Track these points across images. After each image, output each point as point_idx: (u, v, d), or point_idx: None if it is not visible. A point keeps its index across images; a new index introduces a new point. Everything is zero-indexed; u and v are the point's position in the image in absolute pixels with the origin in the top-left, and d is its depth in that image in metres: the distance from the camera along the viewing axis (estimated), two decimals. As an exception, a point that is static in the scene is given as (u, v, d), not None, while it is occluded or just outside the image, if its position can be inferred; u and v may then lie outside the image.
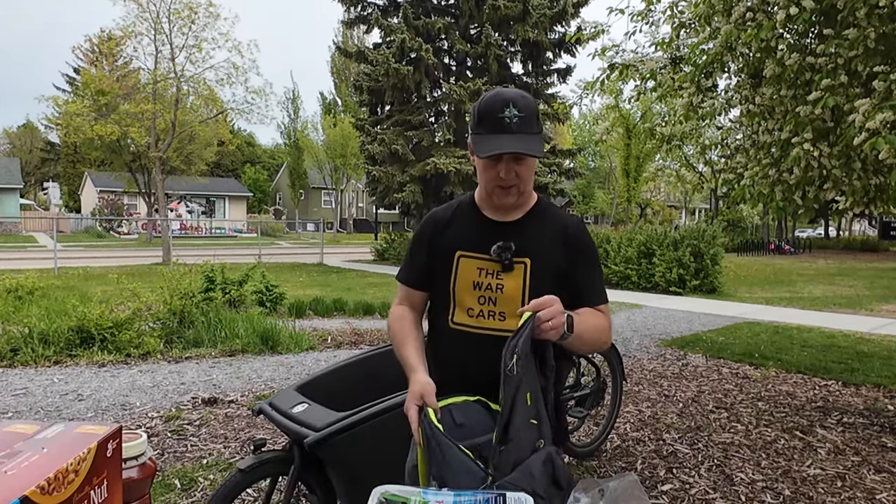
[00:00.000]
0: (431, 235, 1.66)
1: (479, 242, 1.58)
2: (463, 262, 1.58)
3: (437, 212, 1.73)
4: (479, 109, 1.52)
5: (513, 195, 1.55)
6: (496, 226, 1.60)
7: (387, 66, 16.23)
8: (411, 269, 1.71)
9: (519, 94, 1.50)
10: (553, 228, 1.61)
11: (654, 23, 4.86)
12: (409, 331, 1.63)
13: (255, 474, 2.05)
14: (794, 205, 4.23)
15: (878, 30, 3.17)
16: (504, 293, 1.54)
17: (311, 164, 40.76)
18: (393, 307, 1.75)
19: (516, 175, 1.52)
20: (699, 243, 12.08)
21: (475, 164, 1.57)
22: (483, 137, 1.49)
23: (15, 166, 37.15)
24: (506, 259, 1.53)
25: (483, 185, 1.58)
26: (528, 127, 1.48)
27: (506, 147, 1.46)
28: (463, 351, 1.57)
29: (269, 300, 8.23)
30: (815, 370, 5.66)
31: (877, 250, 30.28)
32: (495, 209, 1.62)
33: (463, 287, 1.57)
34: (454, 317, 1.58)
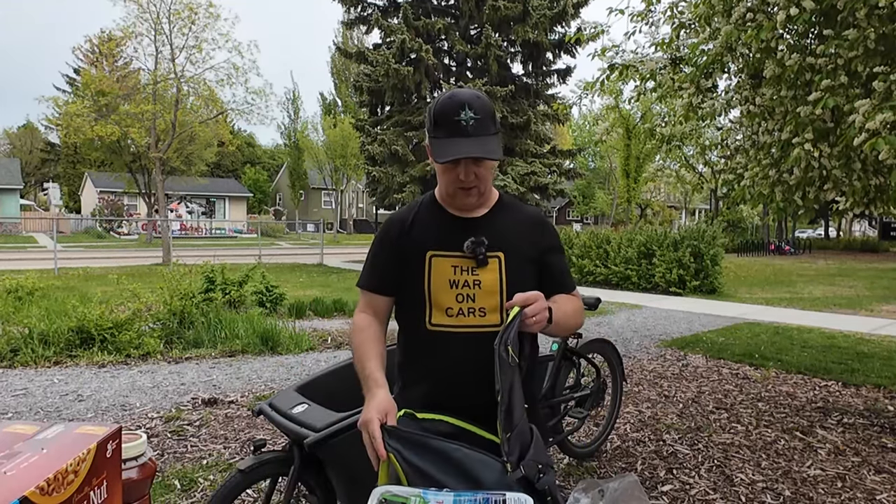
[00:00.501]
0: (397, 237, 1.61)
1: (449, 240, 1.55)
2: (436, 262, 1.55)
3: (399, 214, 1.68)
4: (435, 113, 1.49)
5: (473, 196, 1.54)
6: (464, 222, 1.58)
7: (387, 67, 16.23)
8: (374, 274, 1.65)
9: (474, 96, 1.48)
10: (520, 221, 1.62)
11: (653, 23, 4.87)
12: (373, 344, 1.57)
13: (254, 475, 2.05)
14: (795, 205, 4.23)
15: (878, 30, 3.16)
16: (482, 288, 1.52)
17: (311, 164, 40.78)
18: (355, 316, 1.67)
19: (476, 176, 1.50)
20: (699, 244, 12.08)
21: (434, 167, 1.56)
22: (441, 142, 1.47)
23: (15, 167, 37.15)
24: (480, 254, 1.52)
25: (444, 187, 1.57)
26: (484, 129, 1.47)
27: (463, 151, 1.44)
28: (446, 352, 1.53)
29: (269, 301, 8.23)
30: (815, 371, 5.66)
31: (877, 251, 30.27)
32: (459, 208, 1.60)
33: (439, 287, 1.53)
34: (432, 318, 1.54)
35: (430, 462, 1.31)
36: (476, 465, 1.31)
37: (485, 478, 1.29)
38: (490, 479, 1.28)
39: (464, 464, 1.31)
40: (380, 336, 1.61)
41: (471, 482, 1.28)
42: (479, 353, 1.47)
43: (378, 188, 18.17)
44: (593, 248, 13.63)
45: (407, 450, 1.32)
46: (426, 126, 1.55)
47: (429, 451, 1.33)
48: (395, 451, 1.31)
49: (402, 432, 1.35)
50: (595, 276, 13.40)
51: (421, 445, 1.34)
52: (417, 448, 1.33)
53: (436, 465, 1.31)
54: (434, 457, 1.32)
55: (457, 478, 1.29)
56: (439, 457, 1.32)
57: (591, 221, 47.62)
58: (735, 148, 4.86)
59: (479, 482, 1.27)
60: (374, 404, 1.40)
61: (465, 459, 1.32)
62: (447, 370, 1.53)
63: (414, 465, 1.30)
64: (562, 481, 3.22)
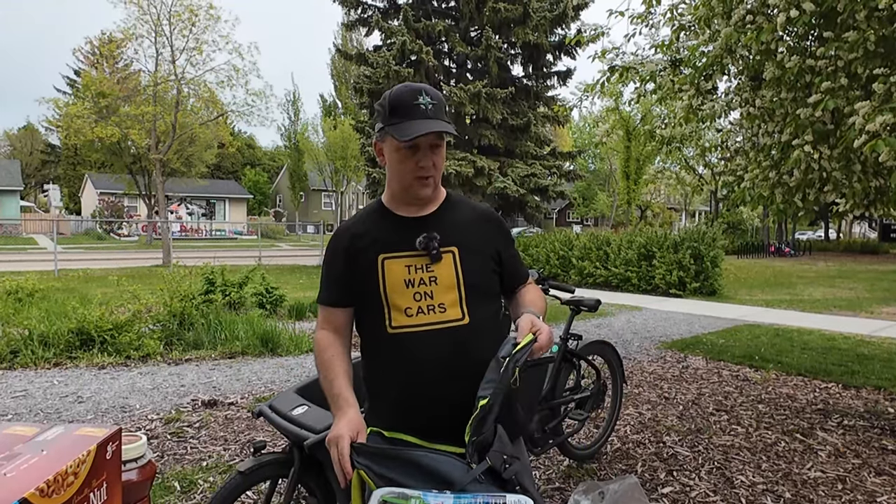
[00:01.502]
0: (347, 247, 1.58)
1: (400, 241, 1.54)
2: (388, 264, 1.53)
3: (346, 223, 1.66)
4: (391, 100, 1.49)
5: (430, 186, 1.53)
6: (413, 221, 1.57)
7: (387, 69, 16.25)
8: (330, 287, 1.62)
9: (427, 85, 1.51)
10: (469, 215, 1.62)
11: (653, 25, 4.87)
12: (338, 362, 1.55)
13: (254, 476, 2.05)
14: (795, 207, 4.23)
15: (878, 32, 3.17)
16: (439, 284, 1.51)
17: (311, 166, 40.80)
18: (316, 335, 1.64)
19: (434, 165, 1.51)
20: (699, 246, 12.08)
21: (386, 162, 1.55)
22: (400, 125, 1.45)
23: (15, 168, 37.17)
24: (433, 248, 1.51)
25: (398, 179, 1.54)
26: (441, 115, 1.48)
27: (429, 127, 1.44)
28: (410, 353, 1.50)
29: (269, 302, 8.23)
30: (815, 373, 5.65)
31: (877, 253, 30.26)
32: (408, 207, 1.58)
33: (394, 288, 1.51)
34: (391, 321, 1.50)
35: (400, 472, 1.31)
36: (445, 467, 1.31)
37: (456, 477, 1.29)
38: (461, 478, 1.29)
39: (433, 468, 1.31)
40: (344, 353, 1.59)
41: (443, 484, 1.28)
42: (442, 350, 1.47)
43: (378, 189, 18.17)
44: (593, 250, 13.63)
45: (376, 463, 1.32)
46: (378, 118, 1.52)
47: (397, 461, 1.33)
48: (365, 467, 1.32)
49: (370, 448, 1.36)
50: (595, 277, 13.40)
51: (389, 457, 1.34)
52: (386, 460, 1.33)
53: (406, 473, 1.31)
54: (403, 466, 1.32)
55: (428, 483, 1.29)
56: (408, 465, 1.32)
57: (592, 223, 47.62)
58: (735, 150, 4.86)
59: (450, 482, 1.28)
60: (345, 422, 1.41)
61: (433, 464, 1.32)
62: (413, 371, 1.50)
63: (384, 476, 1.30)
64: (562, 483, 3.22)
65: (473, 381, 1.42)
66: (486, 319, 1.55)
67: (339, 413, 1.45)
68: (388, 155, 1.53)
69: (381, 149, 1.54)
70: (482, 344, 1.49)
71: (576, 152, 21.83)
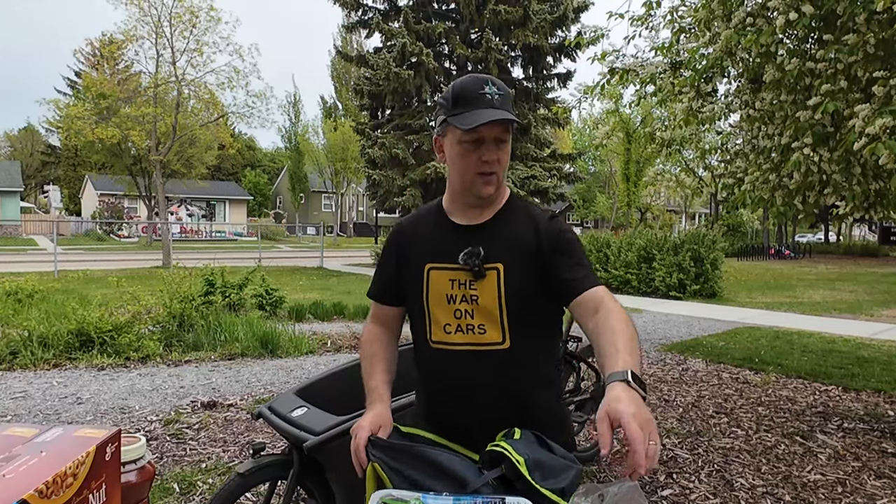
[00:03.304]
0: (397, 247, 1.55)
1: (447, 251, 1.44)
2: (433, 275, 1.45)
3: (403, 221, 1.60)
4: (455, 90, 1.39)
5: (493, 184, 1.42)
6: (464, 231, 1.46)
7: (387, 71, 16.26)
8: (379, 284, 1.60)
9: (493, 77, 1.42)
10: (525, 226, 1.45)
11: (654, 27, 4.87)
12: (379, 358, 1.54)
13: (254, 478, 2.04)
14: (795, 210, 4.23)
15: (878, 35, 3.17)
16: (479, 304, 1.41)
17: (311, 167, 40.81)
18: (365, 326, 1.63)
19: (498, 161, 1.40)
20: (699, 248, 12.09)
21: (447, 159, 1.44)
22: (464, 115, 1.35)
23: (15, 169, 37.19)
24: (475, 266, 1.40)
25: (459, 176, 1.43)
26: (509, 106, 1.38)
27: (495, 115, 1.33)
28: (444, 371, 1.47)
29: (269, 304, 8.23)
30: (815, 375, 5.65)
31: (877, 255, 30.27)
32: (465, 212, 1.48)
33: (436, 301, 1.44)
34: (432, 335, 1.46)
35: (413, 467, 1.31)
36: (460, 467, 1.31)
37: (469, 478, 1.29)
38: (474, 480, 1.29)
39: (447, 467, 1.31)
40: (388, 348, 1.58)
41: (455, 483, 1.28)
42: (477, 373, 1.42)
43: (378, 191, 18.19)
44: (593, 252, 13.63)
45: (391, 458, 1.32)
46: (441, 110, 1.43)
47: (413, 457, 1.33)
48: (380, 461, 1.32)
49: (385, 442, 1.36)
50: (595, 279, 13.39)
51: (404, 453, 1.34)
52: (401, 455, 1.33)
53: (419, 469, 1.31)
54: (417, 462, 1.32)
55: (441, 481, 1.28)
56: (423, 462, 1.32)
57: (592, 225, 47.63)
58: (735, 152, 4.86)
59: (463, 483, 1.28)
60: (371, 415, 1.42)
61: (448, 462, 1.31)
62: (445, 390, 1.48)
63: (399, 472, 1.30)
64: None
65: (507, 405, 1.41)
66: (531, 344, 1.44)
67: (369, 406, 1.45)
68: (449, 149, 1.42)
69: (442, 144, 1.44)
70: (523, 370, 1.43)
71: (576, 154, 21.84)
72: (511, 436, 1.33)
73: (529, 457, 1.25)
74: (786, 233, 36.35)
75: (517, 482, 1.24)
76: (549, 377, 1.51)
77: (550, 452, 1.30)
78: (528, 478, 1.21)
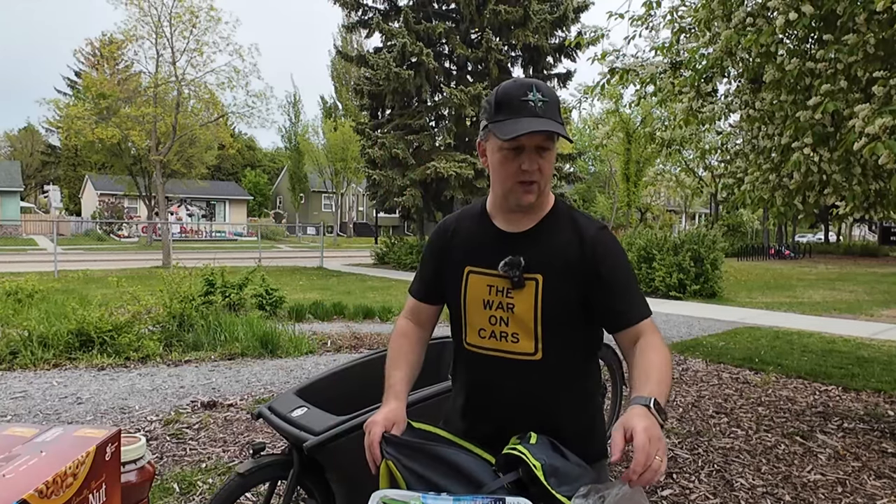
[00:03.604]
0: (440, 247, 1.55)
1: (488, 256, 1.44)
2: (472, 279, 1.46)
3: (447, 220, 1.60)
4: (498, 96, 1.36)
5: (534, 193, 1.38)
6: (507, 238, 1.45)
7: (387, 71, 16.27)
8: (419, 281, 1.61)
9: (541, 81, 1.38)
10: (569, 237, 1.41)
11: (654, 27, 4.87)
12: (405, 354, 1.55)
13: (254, 478, 2.04)
14: (795, 210, 4.23)
15: (878, 35, 3.17)
16: (515, 313, 1.40)
17: (311, 167, 40.82)
18: (398, 319, 1.64)
19: (539, 170, 1.36)
20: (699, 248, 12.08)
21: (489, 164, 1.42)
22: (505, 123, 1.32)
23: (15, 169, 37.20)
24: (514, 276, 1.39)
25: (500, 182, 1.41)
26: (553, 114, 1.33)
27: (534, 126, 1.29)
28: (476, 374, 1.50)
29: (269, 304, 8.23)
30: (815, 375, 5.65)
31: (877, 255, 30.28)
32: (508, 218, 1.46)
33: (473, 305, 1.45)
34: (467, 337, 1.48)
35: (428, 467, 1.31)
36: (476, 468, 1.31)
37: (485, 480, 1.29)
38: (490, 482, 1.28)
39: (463, 467, 1.31)
40: (416, 345, 1.58)
41: (471, 484, 1.27)
42: (507, 381, 1.43)
43: (378, 191, 18.19)
44: (593, 252, 13.61)
45: (405, 456, 1.32)
46: (484, 114, 1.40)
47: (427, 456, 1.33)
48: (394, 458, 1.31)
49: (400, 440, 1.35)
50: (595, 279, 13.38)
51: (419, 451, 1.34)
52: (416, 453, 1.33)
53: (435, 469, 1.30)
54: (432, 461, 1.32)
55: (457, 481, 1.28)
56: (437, 461, 1.32)
57: (591, 225, 47.55)
58: (735, 152, 4.86)
59: (479, 484, 1.27)
60: (385, 411, 1.41)
61: (464, 463, 1.31)
62: (475, 392, 1.50)
63: (413, 471, 1.30)
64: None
65: (532, 415, 1.41)
66: (564, 357, 1.42)
67: (384, 403, 1.45)
68: (491, 156, 1.40)
69: (484, 149, 1.43)
70: (554, 382, 1.42)
71: (576, 154, 21.86)
72: (527, 440, 1.33)
73: (546, 462, 1.25)
74: (786, 233, 36.36)
75: (533, 487, 1.24)
76: (582, 389, 1.49)
77: (564, 458, 1.30)
78: (545, 483, 1.21)
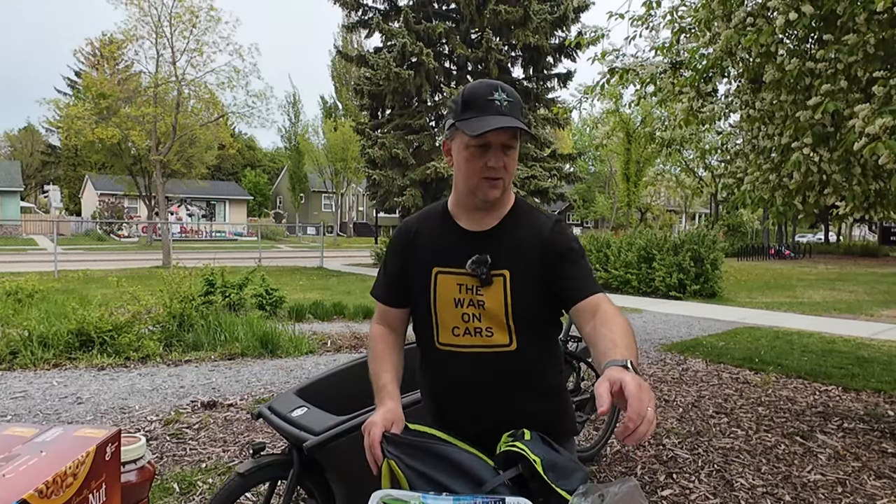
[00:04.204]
0: (403, 249, 1.56)
1: (455, 256, 1.46)
2: (441, 279, 1.48)
3: (407, 223, 1.60)
4: (465, 95, 1.41)
5: (499, 188, 1.43)
6: (471, 237, 1.48)
7: (388, 71, 16.27)
8: (384, 285, 1.61)
9: (505, 84, 1.43)
10: (530, 232, 1.47)
11: (654, 28, 4.87)
12: (387, 356, 1.56)
13: (254, 478, 2.04)
14: (795, 210, 4.23)
15: (878, 35, 3.17)
16: (486, 309, 1.44)
17: (311, 167, 40.82)
18: (371, 327, 1.64)
19: (504, 167, 1.41)
20: (699, 248, 12.09)
21: (454, 163, 1.46)
22: (472, 120, 1.37)
23: (15, 169, 37.20)
24: (482, 274, 1.43)
25: (465, 180, 1.44)
26: (517, 113, 1.39)
27: (501, 122, 1.34)
28: (454, 372, 1.50)
29: (269, 304, 8.23)
30: (815, 375, 5.65)
31: (877, 255, 30.28)
32: (471, 216, 1.50)
33: (444, 305, 1.47)
34: (440, 337, 1.49)
35: (430, 465, 1.31)
36: (475, 465, 1.31)
37: (486, 478, 1.29)
38: (491, 480, 1.29)
39: (465, 465, 1.31)
40: (395, 346, 1.59)
41: (473, 482, 1.28)
42: (486, 374, 1.46)
43: (378, 191, 18.19)
44: (593, 252, 13.63)
45: (406, 455, 1.32)
46: (450, 113, 1.45)
47: (428, 454, 1.33)
48: (395, 458, 1.32)
49: (401, 439, 1.36)
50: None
51: (420, 450, 1.34)
52: (417, 452, 1.33)
53: (436, 467, 1.31)
54: (434, 460, 1.32)
55: (458, 479, 1.28)
56: (439, 459, 1.32)
57: (592, 225, 47.63)
58: (735, 152, 4.87)
59: (480, 482, 1.27)
60: (382, 412, 1.42)
61: (464, 461, 1.32)
62: (454, 390, 1.51)
63: (415, 470, 1.30)
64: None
65: (514, 405, 1.44)
66: (537, 346, 1.48)
67: (379, 404, 1.46)
68: (457, 153, 1.44)
69: (450, 147, 1.47)
70: (531, 370, 1.47)
71: (576, 154, 21.84)
72: (522, 437, 1.34)
73: (545, 457, 1.27)
74: (786, 233, 36.36)
75: (532, 482, 1.25)
76: (553, 380, 1.55)
77: (558, 453, 1.32)
78: (545, 477, 1.23)
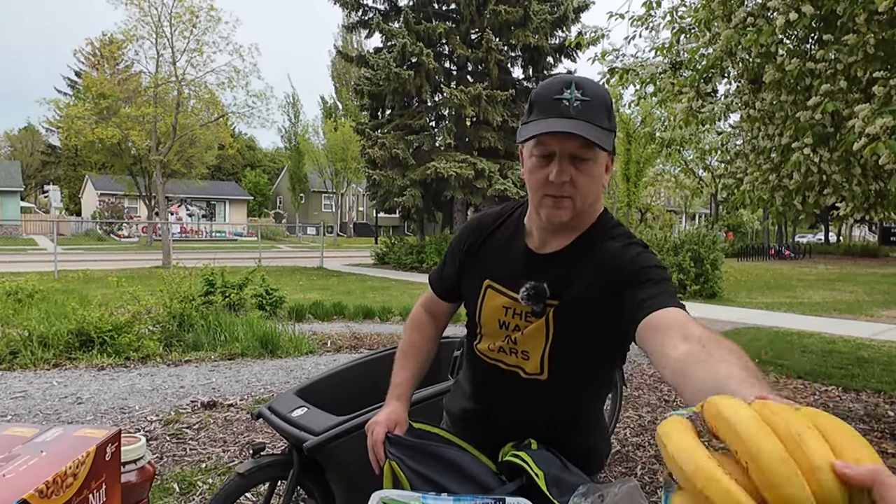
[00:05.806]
0: (468, 247, 1.40)
1: (510, 276, 1.30)
2: (489, 294, 1.34)
3: (486, 218, 1.42)
4: (533, 94, 1.20)
5: (565, 210, 1.17)
6: (533, 259, 1.29)
7: (388, 71, 16.27)
8: (439, 276, 1.50)
9: (588, 79, 1.17)
10: (601, 261, 1.21)
11: (654, 28, 4.87)
12: (417, 350, 1.49)
13: (253, 478, 2.04)
14: (794, 210, 4.23)
15: (878, 35, 3.17)
16: (524, 334, 1.30)
17: (311, 167, 40.81)
18: (415, 308, 1.55)
19: (572, 182, 1.14)
20: (699, 248, 12.09)
21: (524, 175, 1.23)
22: (531, 124, 1.15)
23: (16, 169, 37.20)
24: (535, 307, 1.26)
25: (530, 193, 1.24)
26: (593, 116, 1.12)
27: (554, 127, 1.10)
28: (484, 382, 1.44)
29: (269, 304, 8.23)
30: (815, 376, 5.65)
31: (877, 256, 30.30)
32: (540, 234, 1.29)
33: (488, 321, 1.36)
34: (479, 343, 1.40)
35: (432, 468, 1.30)
36: (477, 470, 1.31)
37: (489, 483, 1.28)
38: (493, 484, 1.28)
39: (466, 469, 1.31)
40: (428, 339, 1.52)
41: (478, 487, 1.27)
42: (512, 393, 1.36)
43: (378, 192, 18.19)
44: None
45: (408, 457, 1.31)
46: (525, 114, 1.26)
47: (431, 457, 1.32)
48: (397, 459, 1.31)
49: (404, 440, 1.35)
50: (595, 280, 13.39)
51: (422, 451, 1.33)
52: (419, 454, 1.32)
53: (438, 470, 1.30)
54: (436, 462, 1.31)
55: (464, 484, 1.28)
56: (441, 462, 1.32)
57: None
58: (735, 152, 4.86)
59: (486, 489, 1.27)
60: (387, 411, 1.40)
61: (466, 465, 1.31)
62: (479, 393, 1.45)
63: (417, 472, 1.30)
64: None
65: (535, 427, 1.36)
66: (572, 378, 1.31)
67: (386, 403, 1.44)
68: (524, 162, 1.23)
69: (522, 154, 1.25)
70: (559, 400, 1.34)
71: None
72: (528, 447, 1.30)
73: (549, 472, 1.22)
74: (786, 233, 36.37)
75: (535, 497, 1.22)
76: (589, 408, 1.41)
77: (566, 469, 1.28)
78: (547, 493, 1.17)
